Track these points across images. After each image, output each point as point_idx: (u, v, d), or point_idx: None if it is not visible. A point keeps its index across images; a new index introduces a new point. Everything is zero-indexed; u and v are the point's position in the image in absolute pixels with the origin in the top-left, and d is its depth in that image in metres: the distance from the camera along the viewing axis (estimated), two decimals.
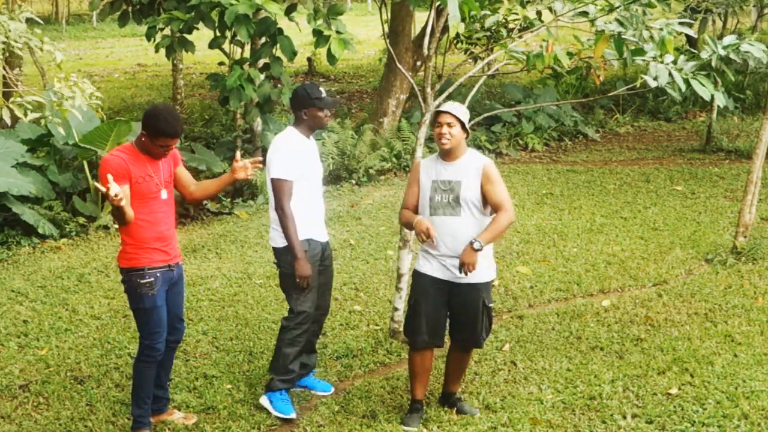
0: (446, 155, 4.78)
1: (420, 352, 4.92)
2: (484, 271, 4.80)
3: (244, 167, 4.73)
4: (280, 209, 4.92)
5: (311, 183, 5.08)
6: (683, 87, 5.39)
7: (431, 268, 4.81)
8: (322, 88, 5.03)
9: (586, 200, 9.65)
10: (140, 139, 4.54)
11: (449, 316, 4.93)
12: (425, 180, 4.82)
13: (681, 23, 5.58)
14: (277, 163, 4.93)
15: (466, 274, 4.65)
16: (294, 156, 4.96)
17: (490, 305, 4.88)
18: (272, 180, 4.94)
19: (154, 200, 4.55)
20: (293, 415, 5.04)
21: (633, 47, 5.53)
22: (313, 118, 5.04)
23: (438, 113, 4.74)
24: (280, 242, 5.00)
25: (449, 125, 4.69)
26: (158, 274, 4.59)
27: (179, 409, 5.12)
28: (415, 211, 4.88)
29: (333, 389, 5.39)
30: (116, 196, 4.16)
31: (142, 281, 4.56)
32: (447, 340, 5.08)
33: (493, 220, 4.70)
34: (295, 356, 5.12)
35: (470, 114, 4.83)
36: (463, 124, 4.72)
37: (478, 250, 4.60)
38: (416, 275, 4.90)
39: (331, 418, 5.04)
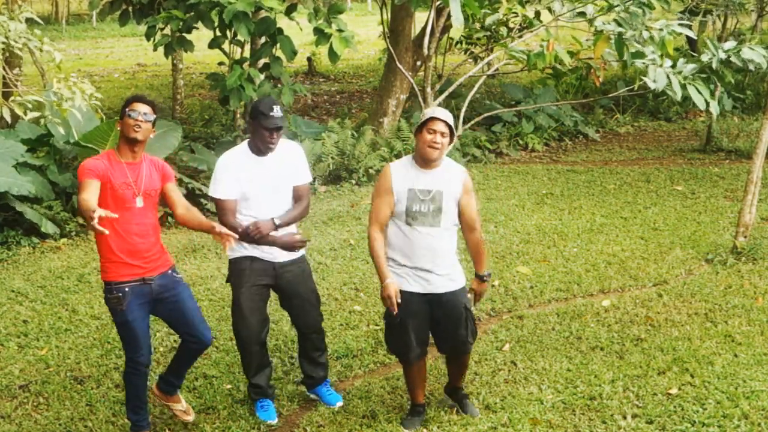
0: (428, 163, 4.63)
1: (415, 364, 4.90)
2: (459, 275, 4.78)
3: (223, 239, 4.51)
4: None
5: (258, 203, 4.79)
6: (679, 94, 5.39)
7: (409, 284, 4.69)
8: (277, 107, 4.70)
9: (586, 200, 9.64)
10: (119, 137, 4.49)
11: (434, 329, 4.88)
12: (400, 188, 4.62)
13: (681, 24, 5.58)
14: (212, 183, 4.83)
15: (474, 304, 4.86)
16: (228, 175, 4.76)
17: (471, 308, 4.85)
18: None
19: (128, 210, 4.42)
20: (271, 422, 5.02)
21: (633, 50, 5.54)
22: (255, 134, 4.77)
23: (432, 119, 4.56)
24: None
25: (443, 134, 4.55)
26: (126, 289, 4.46)
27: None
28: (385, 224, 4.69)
29: (342, 402, 5.21)
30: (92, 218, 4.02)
31: (110, 296, 4.50)
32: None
33: (476, 247, 4.78)
34: (255, 372, 5.08)
35: (470, 114, 4.81)
36: (452, 135, 4.65)
37: (485, 282, 4.83)
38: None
39: (331, 418, 5.04)
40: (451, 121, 4.62)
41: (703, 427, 4.80)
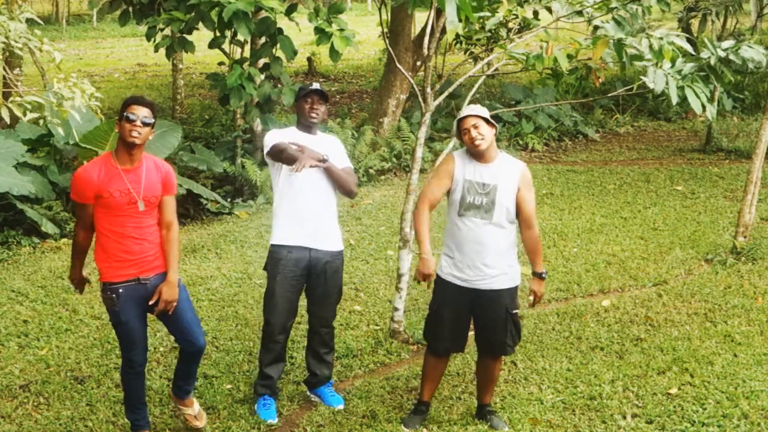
0: (481, 156, 4.65)
1: (439, 358, 4.90)
2: (507, 276, 4.70)
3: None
4: (272, 147, 4.89)
5: (303, 180, 4.91)
6: (675, 99, 5.37)
7: (453, 275, 4.69)
8: (315, 84, 5.05)
9: (586, 200, 9.65)
10: (117, 142, 4.40)
11: (474, 323, 4.85)
12: (459, 177, 4.65)
13: (681, 35, 5.56)
14: (265, 147, 4.95)
15: (533, 305, 4.74)
16: (279, 135, 4.96)
17: (514, 312, 4.76)
18: (267, 156, 4.94)
19: (126, 215, 4.38)
20: (271, 421, 5.01)
21: (632, 50, 5.53)
22: (299, 112, 5.05)
23: (459, 121, 4.64)
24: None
25: (475, 126, 4.59)
26: (120, 290, 4.44)
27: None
28: (433, 206, 4.73)
29: (343, 404, 5.20)
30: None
31: (104, 296, 4.50)
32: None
33: (533, 244, 4.69)
34: (270, 362, 5.10)
35: None
36: (487, 120, 4.64)
37: (544, 279, 4.68)
38: (439, 281, 4.77)
39: (331, 418, 5.04)
40: (478, 111, 4.65)
41: (703, 426, 4.80)
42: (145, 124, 4.33)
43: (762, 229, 8.31)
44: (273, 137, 4.97)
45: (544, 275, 4.69)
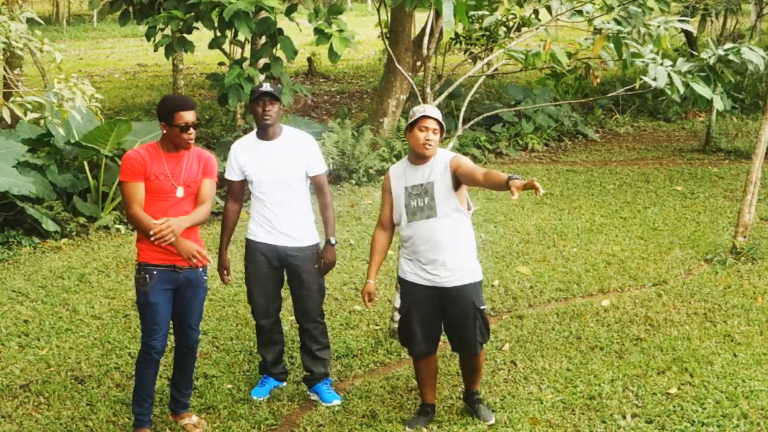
0: (418, 159, 4.72)
1: (422, 360, 4.90)
2: (468, 272, 4.70)
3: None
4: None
5: (261, 187, 5.09)
6: (681, 90, 5.40)
7: (415, 275, 4.74)
8: (266, 84, 5.05)
9: (585, 200, 9.66)
10: (163, 135, 4.57)
11: (444, 326, 4.86)
12: (397, 188, 4.76)
13: (680, 20, 5.58)
14: (227, 164, 5.21)
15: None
16: (234, 158, 5.12)
17: (482, 307, 4.76)
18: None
19: (166, 200, 4.54)
20: (256, 398, 5.24)
21: (632, 49, 5.54)
22: (253, 115, 5.08)
23: (423, 118, 4.65)
24: None
25: (435, 132, 4.64)
26: (155, 272, 4.57)
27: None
28: (391, 225, 4.87)
29: (340, 401, 5.23)
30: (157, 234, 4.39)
31: (137, 276, 4.62)
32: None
33: (490, 176, 4.40)
34: (261, 346, 5.36)
35: (470, 114, 4.83)
36: (442, 130, 4.70)
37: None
38: (403, 283, 4.84)
39: (331, 418, 5.05)
40: (440, 117, 4.71)
41: (703, 426, 4.81)
42: (195, 127, 4.56)
43: (762, 229, 8.31)
44: (227, 169, 5.18)
45: (515, 179, 4.19)
